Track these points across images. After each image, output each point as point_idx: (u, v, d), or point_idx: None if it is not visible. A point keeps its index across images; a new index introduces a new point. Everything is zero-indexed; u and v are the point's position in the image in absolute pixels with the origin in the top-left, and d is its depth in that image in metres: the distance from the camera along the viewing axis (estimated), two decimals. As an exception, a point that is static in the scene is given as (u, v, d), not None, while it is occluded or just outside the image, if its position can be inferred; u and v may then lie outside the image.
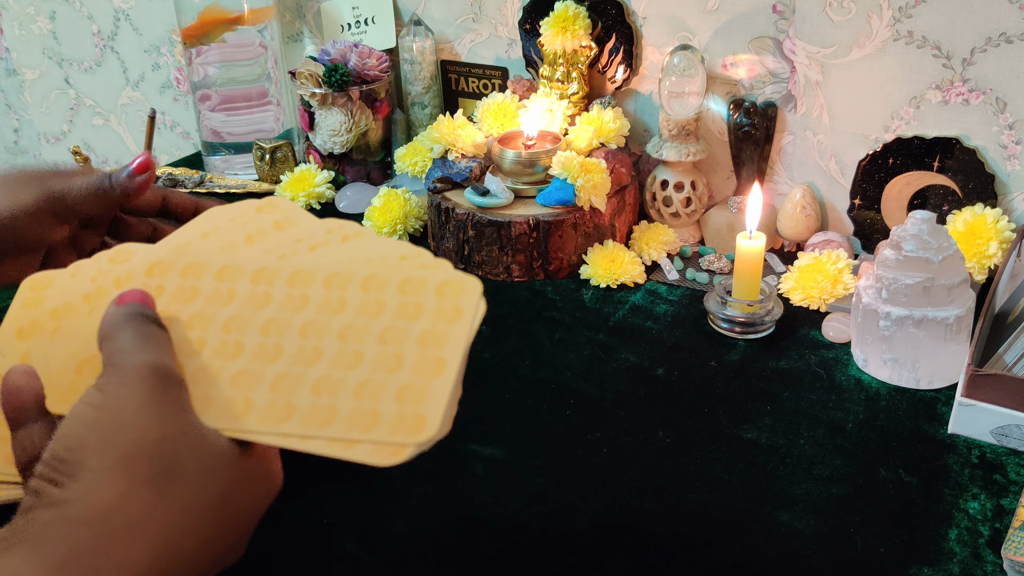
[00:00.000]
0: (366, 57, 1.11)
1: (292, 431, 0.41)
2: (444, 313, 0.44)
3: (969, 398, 0.68)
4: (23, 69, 1.68)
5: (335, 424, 0.41)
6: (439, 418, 0.41)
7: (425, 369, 0.42)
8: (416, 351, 0.43)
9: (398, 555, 0.61)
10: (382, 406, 0.41)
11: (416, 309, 0.44)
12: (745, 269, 0.82)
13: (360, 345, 0.43)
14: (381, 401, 0.42)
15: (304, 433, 0.41)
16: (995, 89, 0.84)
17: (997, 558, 0.58)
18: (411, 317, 0.44)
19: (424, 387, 0.42)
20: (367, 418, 0.41)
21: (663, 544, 0.60)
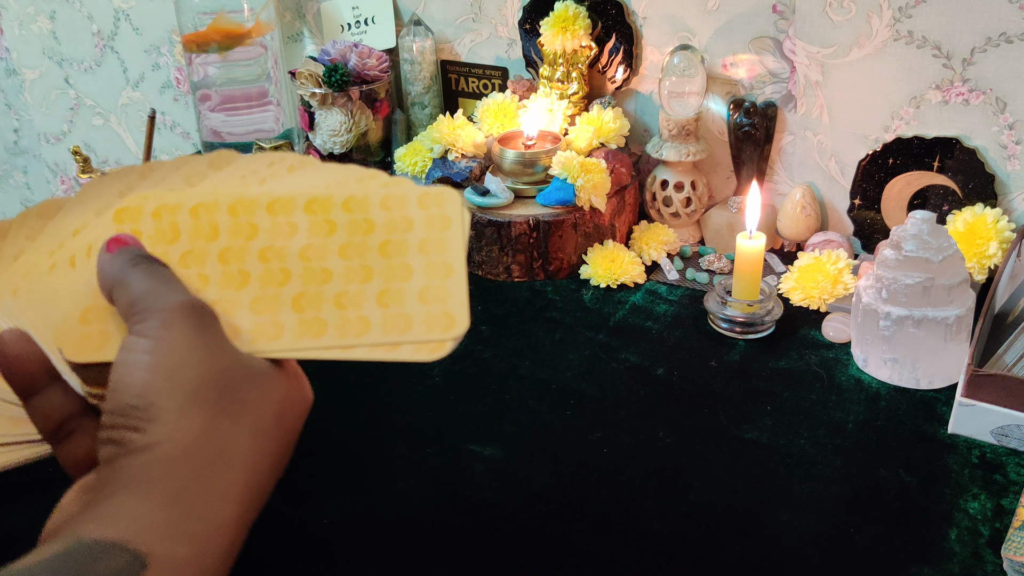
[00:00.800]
0: (366, 57, 1.11)
1: (331, 343, 0.42)
2: (434, 222, 0.45)
3: (969, 398, 0.68)
4: (23, 69, 1.68)
5: (372, 331, 0.42)
6: (466, 314, 0.42)
7: (436, 273, 0.43)
8: (421, 258, 0.44)
9: (398, 556, 0.61)
10: (409, 309, 0.42)
11: (406, 223, 0.45)
12: (745, 269, 0.82)
13: (365, 260, 0.44)
14: (406, 305, 0.43)
15: (344, 344, 0.42)
16: (995, 89, 0.84)
17: (997, 558, 0.58)
18: (404, 230, 0.44)
19: (441, 288, 0.43)
20: (400, 321, 0.42)
21: (663, 544, 0.60)
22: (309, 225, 0.45)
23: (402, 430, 0.73)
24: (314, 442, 0.72)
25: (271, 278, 0.43)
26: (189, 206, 0.45)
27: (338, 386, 0.77)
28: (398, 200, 0.45)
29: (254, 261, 0.44)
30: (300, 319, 0.42)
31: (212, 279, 0.43)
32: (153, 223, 0.45)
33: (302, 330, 0.42)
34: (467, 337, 0.86)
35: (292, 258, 0.44)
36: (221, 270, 0.44)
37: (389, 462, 0.69)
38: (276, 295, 0.43)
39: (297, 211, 0.45)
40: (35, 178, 1.87)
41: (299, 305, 0.43)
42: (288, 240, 0.44)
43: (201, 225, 0.45)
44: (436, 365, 0.81)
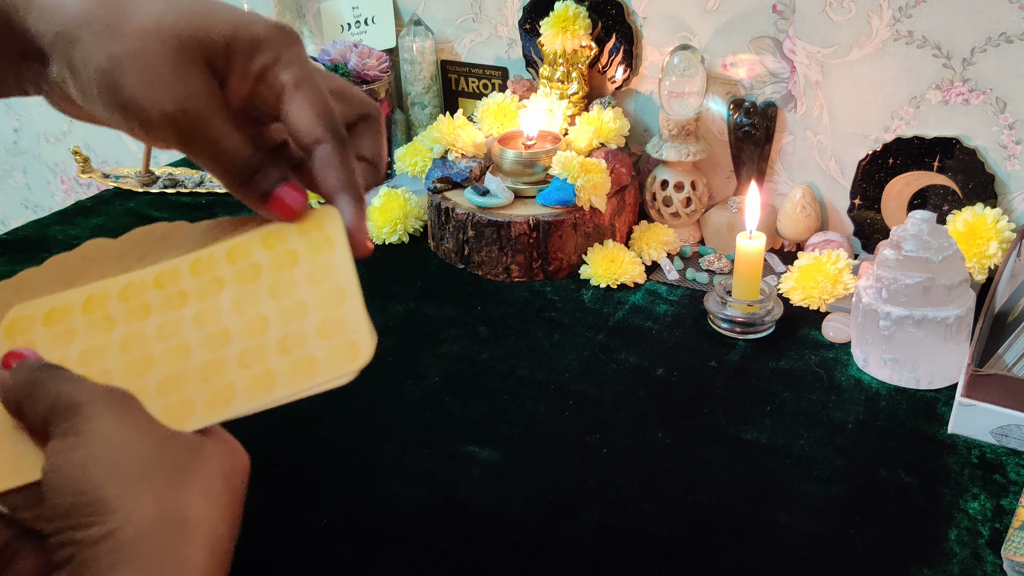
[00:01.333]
0: (366, 57, 1.11)
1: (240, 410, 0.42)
2: (318, 247, 0.44)
3: (969, 398, 0.68)
4: (23, 69, 1.68)
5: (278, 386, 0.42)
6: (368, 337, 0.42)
7: (330, 302, 0.43)
8: (312, 290, 0.43)
9: (394, 558, 0.61)
10: (311, 350, 0.42)
11: (290, 257, 0.44)
12: (745, 269, 0.82)
13: (258, 309, 0.44)
14: (308, 346, 0.42)
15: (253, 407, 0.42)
16: (995, 89, 0.84)
17: (997, 558, 0.58)
18: (289, 265, 0.44)
19: (339, 317, 0.43)
20: (304, 366, 0.42)
21: (663, 545, 0.60)
22: (198, 288, 0.45)
23: (398, 432, 0.73)
24: (310, 444, 0.72)
25: (172, 356, 0.43)
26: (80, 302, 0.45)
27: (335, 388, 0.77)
28: (279, 233, 0.45)
29: (154, 342, 0.44)
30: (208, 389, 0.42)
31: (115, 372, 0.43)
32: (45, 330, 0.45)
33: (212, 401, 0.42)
34: (466, 337, 0.86)
35: (188, 327, 0.44)
36: (123, 360, 0.43)
37: (385, 464, 0.69)
38: (182, 372, 0.43)
39: (184, 277, 0.45)
40: (35, 178, 1.87)
41: (206, 375, 0.43)
42: (181, 310, 0.44)
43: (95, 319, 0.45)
44: (433, 366, 0.81)
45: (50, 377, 0.40)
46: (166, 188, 1.20)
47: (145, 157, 1.22)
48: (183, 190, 1.19)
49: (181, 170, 1.25)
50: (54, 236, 1.09)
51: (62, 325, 0.45)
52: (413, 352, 0.83)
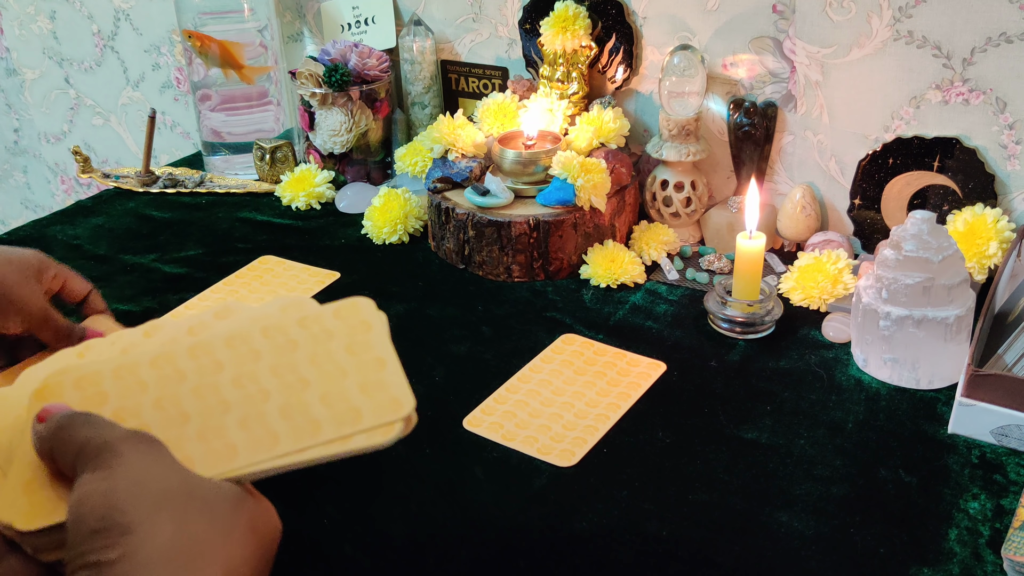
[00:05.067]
0: (366, 57, 1.11)
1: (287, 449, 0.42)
2: (354, 328, 0.46)
3: (969, 398, 0.68)
4: (23, 69, 1.68)
5: (324, 428, 0.42)
6: (409, 394, 0.43)
7: (370, 368, 0.44)
8: (351, 359, 0.45)
9: (398, 558, 0.61)
10: (355, 402, 0.43)
11: (326, 334, 0.46)
12: (745, 269, 0.82)
13: (298, 374, 0.44)
14: (351, 399, 0.43)
15: (300, 446, 0.42)
16: (995, 89, 0.84)
17: (997, 558, 0.58)
18: (326, 341, 0.45)
19: (379, 379, 0.44)
20: (349, 414, 0.43)
21: (663, 544, 0.60)
22: (233, 358, 0.45)
23: (402, 430, 0.73)
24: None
25: (211, 410, 0.43)
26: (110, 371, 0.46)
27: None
28: (315, 319, 0.46)
29: (190, 400, 0.44)
30: (250, 436, 0.42)
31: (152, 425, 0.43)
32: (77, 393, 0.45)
33: (256, 444, 0.42)
34: (468, 337, 0.86)
35: (226, 388, 0.44)
36: (158, 415, 0.43)
37: (388, 463, 0.69)
38: (220, 423, 0.43)
39: (219, 349, 0.46)
40: (35, 178, 1.87)
41: (246, 425, 0.43)
42: (216, 375, 0.45)
43: (127, 384, 0.45)
44: (436, 365, 0.81)
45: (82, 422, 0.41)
46: (166, 188, 1.20)
47: (145, 157, 1.22)
48: (183, 190, 1.19)
49: (181, 170, 1.25)
50: (54, 236, 1.09)
51: (93, 389, 0.45)
52: (416, 352, 0.83)
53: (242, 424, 0.43)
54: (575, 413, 0.73)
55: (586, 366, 0.80)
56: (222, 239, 1.06)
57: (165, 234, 1.08)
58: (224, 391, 0.44)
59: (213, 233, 1.08)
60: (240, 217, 1.12)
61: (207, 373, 0.45)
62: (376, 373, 0.44)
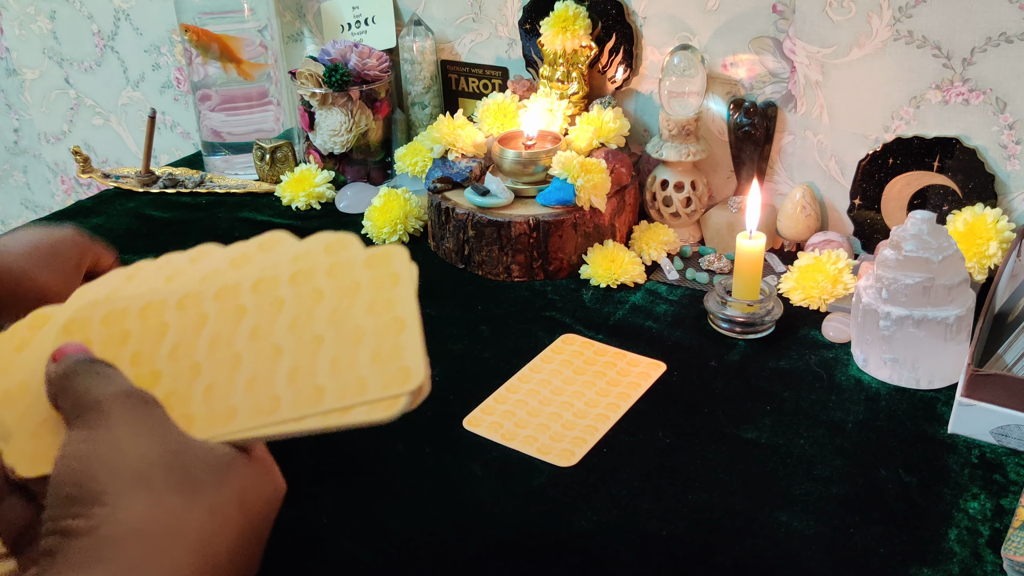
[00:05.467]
0: (366, 57, 1.11)
1: (285, 416, 0.41)
2: (382, 282, 0.44)
3: (969, 398, 0.68)
4: (23, 69, 1.68)
5: (326, 398, 0.41)
6: (421, 364, 0.41)
7: (388, 331, 0.42)
8: (371, 320, 0.43)
9: (397, 554, 0.61)
10: (363, 372, 0.42)
11: (353, 287, 0.44)
12: (745, 269, 0.82)
13: (314, 331, 0.43)
14: (360, 368, 0.42)
15: (298, 415, 0.41)
16: (995, 89, 0.84)
17: (997, 558, 0.58)
18: (351, 294, 0.44)
19: (394, 345, 0.42)
20: (354, 384, 0.41)
21: (663, 544, 0.60)
22: (257, 305, 0.45)
23: (400, 429, 0.72)
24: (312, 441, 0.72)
25: (222, 365, 0.43)
26: (137, 309, 0.46)
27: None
28: (345, 267, 0.45)
29: (205, 351, 0.44)
30: (253, 399, 0.42)
31: (164, 374, 0.43)
32: (103, 330, 0.45)
33: (255, 409, 0.42)
34: (467, 336, 0.86)
35: (241, 340, 0.44)
36: (172, 365, 0.44)
37: (387, 461, 0.69)
38: (228, 380, 0.43)
39: (245, 294, 0.45)
40: (35, 178, 1.87)
41: (251, 387, 0.42)
42: (237, 324, 0.44)
43: (150, 326, 0.45)
44: (435, 364, 0.81)
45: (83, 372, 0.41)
46: (166, 188, 1.20)
47: (145, 157, 1.22)
48: (183, 190, 1.19)
49: (181, 170, 1.25)
50: (54, 236, 1.09)
51: (118, 327, 0.45)
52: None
53: (248, 385, 0.42)
54: (575, 413, 0.73)
55: (586, 366, 0.80)
56: (222, 239, 1.05)
57: (165, 234, 1.08)
58: (239, 344, 0.44)
59: (213, 233, 1.08)
60: (240, 217, 1.12)
61: (228, 320, 0.44)
62: (392, 337, 0.42)
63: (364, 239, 1.03)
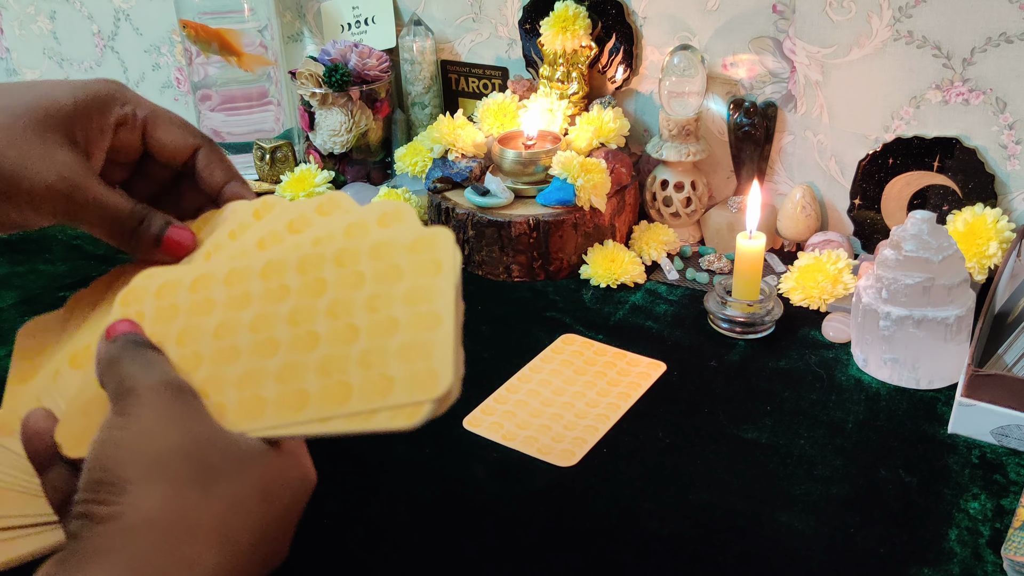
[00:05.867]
0: (366, 57, 1.11)
1: (311, 416, 0.41)
2: (423, 268, 0.43)
3: (969, 398, 0.68)
4: (23, 69, 1.68)
5: (352, 399, 0.41)
6: (450, 369, 0.41)
7: (421, 325, 0.42)
8: (407, 310, 0.42)
9: (397, 556, 0.61)
10: (391, 369, 0.41)
11: (394, 271, 0.44)
12: (745, 269, 0.82)
13: (351, 318, 0.43)
14: (388, 365, 0.41)
15: (324, 415, 0.41)
16: (995, 89, 0.84)
17: (997, 558, 0.58)
18: (392, 280, 0.43)
19: (426, 342, 0.42)
20: (380, 384, 0.41)
21: (663, 544, 0.60)
22: (300, 286, 0.45)
23: (402, 430, 0.73)
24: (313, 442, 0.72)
25: (259, 350, 0.43)
26: (189, 281, 0.46)
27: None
28: (388, 247, 0.44)
29: (245, 333, 0.44)
30: (282, 391, 0.42)
31: (205, 356, 0.44)
32: (155, 302, 0.46)
33: (283, 404, 0.42)
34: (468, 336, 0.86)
35: (280, 324, 0.44)
36: (214, 346, 0.44)
37: (388, 462, 0.69)
38: (262, 368, 0.43)
39: (289, 272, 0.45)
40: (35, 178, 1.87)
41: (283, 377, 0.42)
42: (278, 305, 0.44)
43: (198, 300, 0.45)
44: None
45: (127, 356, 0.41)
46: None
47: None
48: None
49: (181, 170, 1.25)
50: (54, 236, 1.09)
51: (169, 300, 0.46)
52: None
53: (280, 375, 0.42)
54: (575, 413, 0.73)
55: (586, 366, 0.80)
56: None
57: (165, 234, 1.08)
58: (278, 328, 0.44)
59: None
60: (240, 217, 1.11)
61: (271, 300, 0.44)
62: (425, 332, 0.42)
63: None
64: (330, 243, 0.45)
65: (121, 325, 0.44)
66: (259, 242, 0.48)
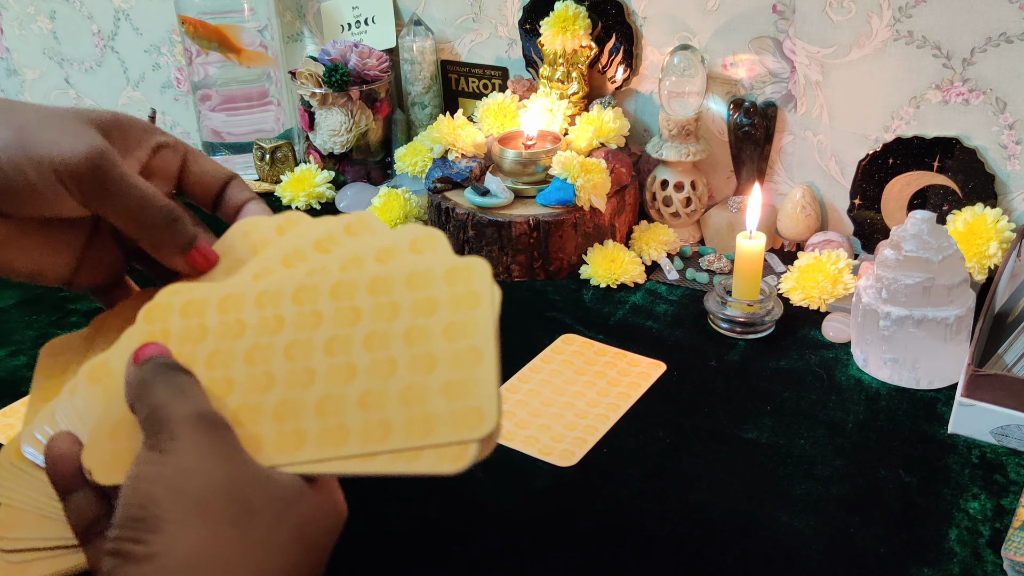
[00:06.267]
0: (366, 57, 1.11)
1: (352, 452, 0.40)
2: (460, 302, 0.42)
3: (969, 398, 0.68)
4: (23, 69, 1.68)
5: (393, 436, 0.39)
6: (494, 407, 0.39)
7: (462, 362, 0.40)
8: (447, 345, 0.41)
9: (398, 556, 0.61)
10: (433, 407, 0.40)
11: (431, 304, 0.42)
12: (745, 269, 0.82)
13: (389, 351, 0.41)
14: (430, 402, 0.40)
15: (365, 452, 0.40)
16: (995, 89, 0.84)
17: (997, 558, 0.58)
18: (428, 313, 0.42)
19: (468, 379, 0.40)
20: (423, 423, 0.40)
21: (663, 544, 0.60)
22: (334, 314, 0.43)
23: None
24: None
25: (296, 379, 0.42)
26: (216, 300, 0.44)
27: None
28: (424, 277, 0.43)
29: (280, 360, 0.42)
30: (323, 425, 0.40)
31: (237, 382, 0.42)
32: (181, 321, 0.44)
33: (324, 438, 0.40)
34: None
35: (317, 353, 0.42)
36: (247, 372, 0.42)
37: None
38: (300, 399, 0.41)
39: (323, 298, 0.43)
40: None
41: (322, 410, 0.41)
42: (313, 332, 0.43)
43: (228, 322, 0.44)
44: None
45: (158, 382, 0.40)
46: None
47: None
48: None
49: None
50: (54, 236, 1.09)
51: (197, 320, 0.44)
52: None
53: (319, 408, 0.41)
54: (575, 413, 0.73)
55: (586, 366, 0.80)
56: (222, 239, 1.06)
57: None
58: (314, 356, 0.42)
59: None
60: (240, 217, 1.11)
61: (305, 327, 0.43)
62: (467, 369, 0.40)
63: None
64: (361, 267, 0.44)
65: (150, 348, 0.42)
66: (284, 259, 0.46)
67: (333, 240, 0.46)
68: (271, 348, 0.43)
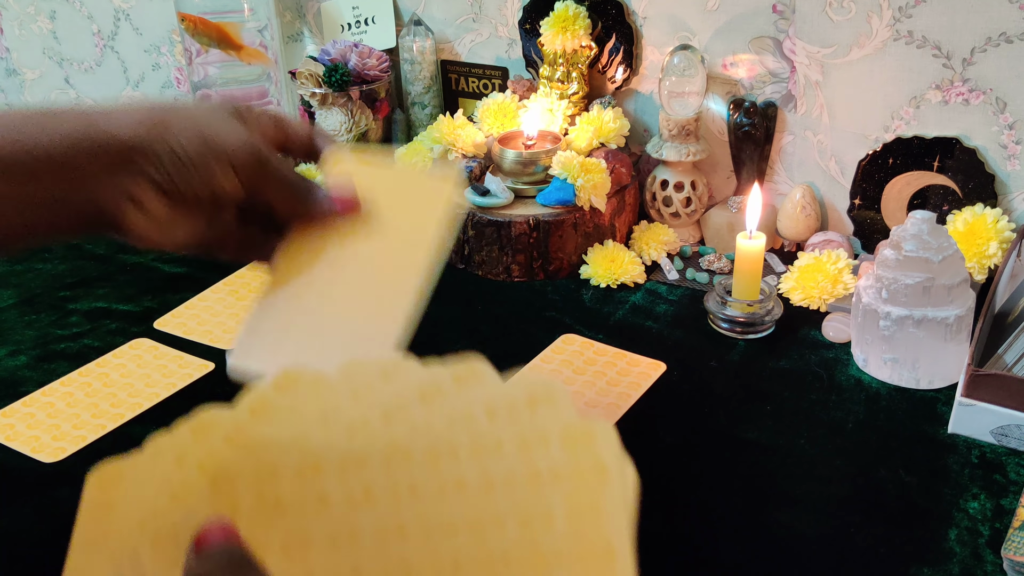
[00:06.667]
0: (366, 57, 1.11)
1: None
2: (584, 478, 0.35)
3: (969, 398, 0.68)
4: (23, 69, 1.68)
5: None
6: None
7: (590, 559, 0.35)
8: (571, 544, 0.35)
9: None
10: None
11: (548, 476, 0.36)
12: (745, 269, 0.82)
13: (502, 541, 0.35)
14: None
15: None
16: (995, 89, 0.84)
17: (997, 558, 0.58)
18: (546, 491, 0.35)
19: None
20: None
21: (663, 544, 0.60)
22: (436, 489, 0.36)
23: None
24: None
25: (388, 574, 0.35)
26: (293, 469, 0.37)
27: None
28: (539, 443, 0.36)
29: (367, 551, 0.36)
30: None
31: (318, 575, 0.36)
32: (252, 493, 0.37)
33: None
34: (467, 337, 0.86)
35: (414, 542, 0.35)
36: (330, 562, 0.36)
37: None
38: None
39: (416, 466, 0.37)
40: (35, 178, 1.87)
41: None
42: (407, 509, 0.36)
43: (306, 496, 0.37)
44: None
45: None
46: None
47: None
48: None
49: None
50: (54, 236, 1.09)
51: (271, 490, 0.37)
52: (415, 351, 0.82)
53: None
54: (575, 413, 0.73)
55: (586, 366, 0.79)
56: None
57: (165, 234, 1.08)
58: (409, 547, 0.35)
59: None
60: (240, 217, 1.11)
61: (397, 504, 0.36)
62: (597, 570, 0.34)
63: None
64: (470, 430, 0.38)
65: (214, 533, 0.35)
66: (384, 415, 0.39)
67: (440, 391, 0.40)
68: (356, 535, 0.36)
